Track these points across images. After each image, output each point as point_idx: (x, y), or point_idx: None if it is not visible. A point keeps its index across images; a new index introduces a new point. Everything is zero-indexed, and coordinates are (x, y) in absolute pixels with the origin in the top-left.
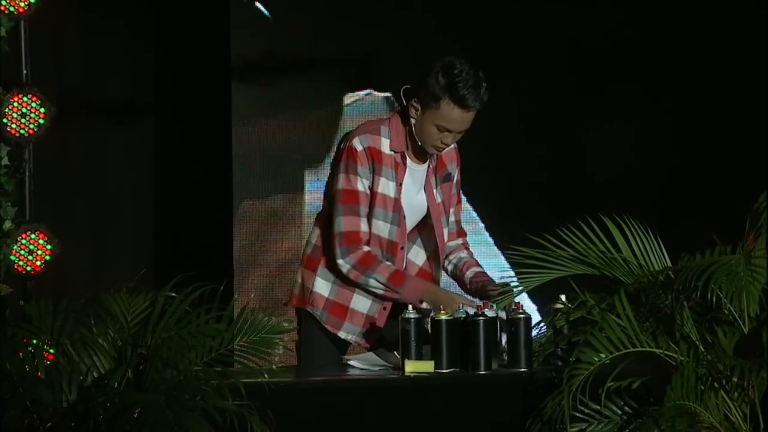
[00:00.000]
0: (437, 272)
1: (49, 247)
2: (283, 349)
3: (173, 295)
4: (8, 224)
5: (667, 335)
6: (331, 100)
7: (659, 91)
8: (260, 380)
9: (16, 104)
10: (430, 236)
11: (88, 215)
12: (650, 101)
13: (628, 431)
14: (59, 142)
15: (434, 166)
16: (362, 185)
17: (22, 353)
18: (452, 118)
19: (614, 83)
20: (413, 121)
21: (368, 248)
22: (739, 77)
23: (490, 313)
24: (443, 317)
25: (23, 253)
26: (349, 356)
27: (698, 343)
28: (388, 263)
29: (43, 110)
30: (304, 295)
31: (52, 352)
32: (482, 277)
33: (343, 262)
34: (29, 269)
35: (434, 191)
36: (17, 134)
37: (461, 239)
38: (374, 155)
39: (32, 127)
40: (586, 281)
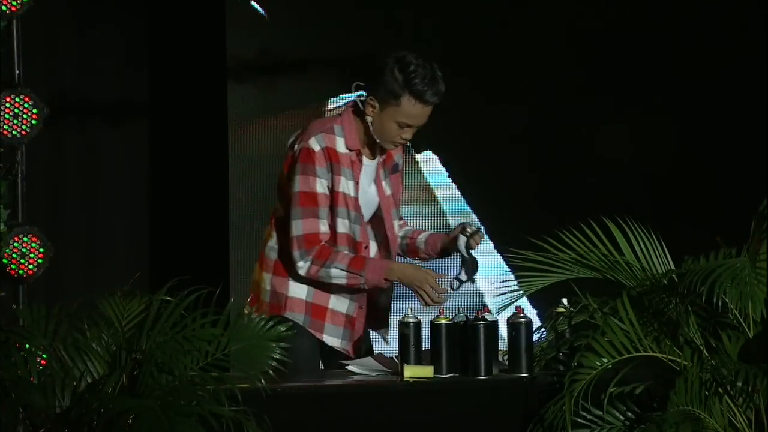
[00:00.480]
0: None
1: (41, 250)
2: (280, 354)
3: (168, 298)
4: (0, 227)
5: (670, 339)
6: (327, 99)
7: (662, 91)
8: (257, 385)
9: (8, 105)
10: (379, 228)
11: (81, 218)
12: (653, 102)
13: None
14: (52, 143)
15: (383, 159)
16: (321, 186)
17: (14, 358)
18: (413, 113)
19: (616, 84)
20: (370, 119)
21: (324, 243)
22: (745, 77)
23: (490, 317)
24: (443, 321)
25: (15, 256)
26: (347, 361)
27: (702, 347)
28: (346, 252)
29: (35, 111)
30: (277, 301)
31: (45, 356)
32: (436, 236)
33: (302, 263)
34: (22, 273)
35: (383, 183)
36: (9, 135)
37: (402, 221)
38: (332, 155)
39: (25, 128)
40: (588, 285)
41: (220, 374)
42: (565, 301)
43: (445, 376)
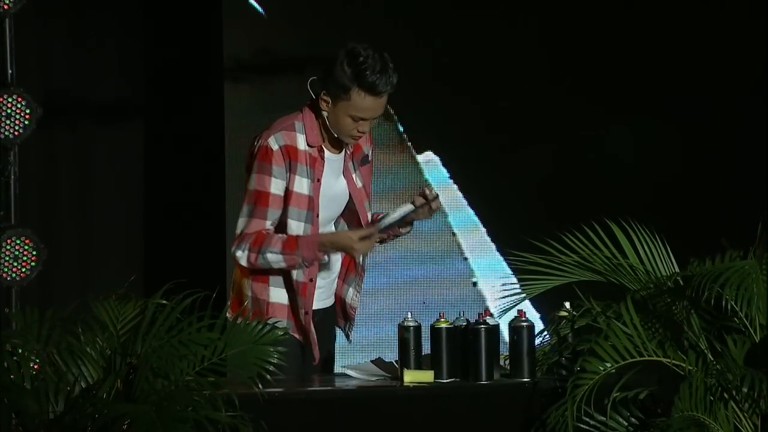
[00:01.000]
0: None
1: (34, 253)
2: (277, 358)
3: (164, 302)
4: None
5: (675, 344)
6: None
7: (666, 93)
8: (254, 390)
9: (0, 105)
10: (352, 221)
11: (75, 220)
12: (657, 104)
13: None
14: (46, 144)
15: (351, 151)
16: (275, 187)
17: (7, 363)
18: (365, 106)
19: (619, 85)
20: (325, 114)
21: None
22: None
23: (491, 321)
24: (443, 325)
25: (8, 259)
26: (346, 366)
27: (707, 352)
28: (280, 235)
29: (29, 111)
30: (259, 308)
31: (38, 361)
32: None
33: (240, 252)
34: (14, 276)
35: (353, 176)
36: (2, 136)
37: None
38: (291, 153)
39: (18, 128)
40: (591, 288)
41: (216, 379)
42: (567, 304)
43: (445, 381)
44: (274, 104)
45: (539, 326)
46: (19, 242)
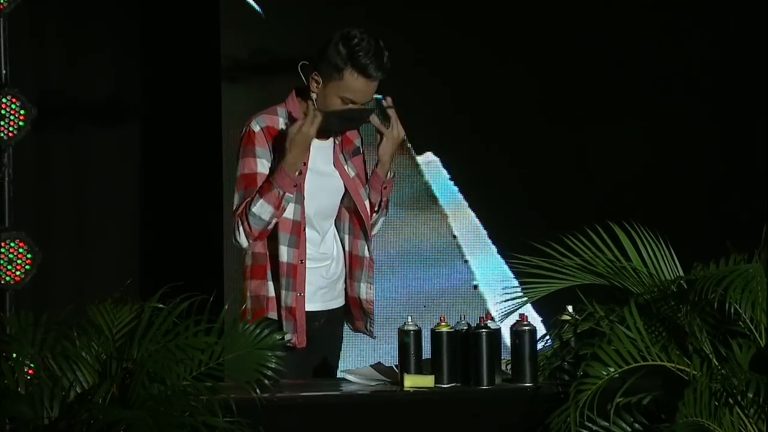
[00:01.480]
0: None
1: (29, 256)
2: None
3: (160, 306)
4: None
5: (679, 348)
6: None
7: (670, 95)
8: (252, 395)
9: None
10: (353, 212)
11: (71, 222)
12: (661, 106)
13: None
14: (41, 145)
15: (340, 142)
16: (262, 166)
17: (1, 367)
18: (356, 88)
19: (623, 87)
20: (314, 95)
21: None
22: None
23: (493, 325)
24: (444, 329)
25: (2, 262)
26: (346, 370)
27: (712, 356)
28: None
29: (23, 112)
30: (259, 305)
31: (32, 366)
32: (373, 176)
33: (237, 234)
34: (9, 279)
35: (345, 167)
36: None
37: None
38: (272, 134)
39: (12, 129)
40: (594, 291)
41: (213, 384)
42: (570, 308)
43: (446, 385)
44: (271, 104)
45: (541, 330)
46: (13, 245)
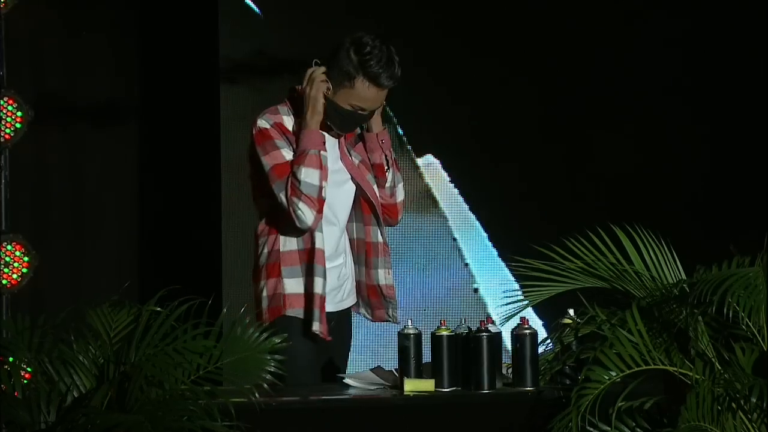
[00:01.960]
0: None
1: (26, 259)
2: (275, 366)
3: (158, 309)
4: None
5: (681, 352)
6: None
7: (673, 96)
8: (251, 399)
9: None
10: (363, 204)
11: (68, 225)
12: (663, 107)
13: None
14: (37, 147)
15: (343, 135)
16: (288, 154)
17: None
18: (367, 96)
19: (625, 88)
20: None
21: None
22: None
23: (493, 328)
24: (444, 333)
25: None
26: (345, 374)
27: (714, 360)
28: (291, 168)
29: (20, 114)
30: (277, 303)
31: (29, 370)
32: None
33: (302, 214)
34: (5, 282)
35: (350, 157)
36: None
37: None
38: (283, 130)
39: (8, 131)
40: (595, 295)
41: (212, 388)
42: (571, 311)
43: (446, 389)
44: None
45: (542, 334)
46: (10, 248)
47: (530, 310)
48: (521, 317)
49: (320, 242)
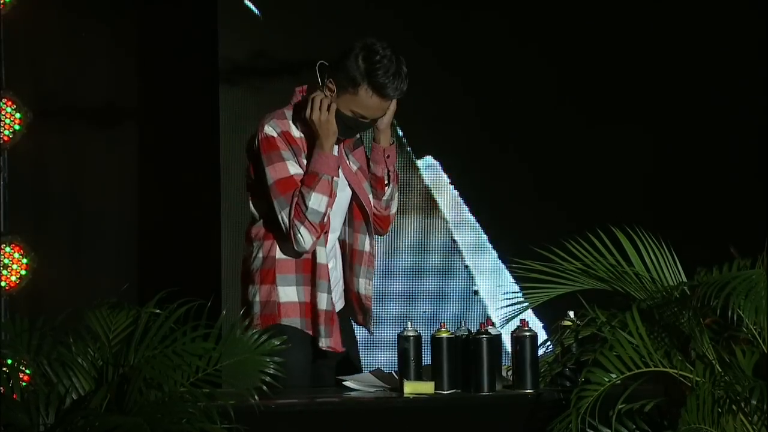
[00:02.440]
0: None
1: (25, 260)
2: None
3: (157, 311)
4: None
5: (682, 354)
6: None
7: (673, 97)
8: (250, 402)
9: None
10: (355, 210)
11: (66, 227)
12: (664, 108)
13: None
14: (36, 149)
15: (342, 139)
16: (293, 167)
17: None
18: (369, 105)
19: (626, 90)
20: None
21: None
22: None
23: (493, 331)
24: (444, 335)
25: None
26: (344, 377)
27: (715, 362)
28: (300, 188)
29: (18, 115)
30: (271, 311)
31: (28, 372)
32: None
33: (301, 238)
34: (4, 284)
35: (348, 162)
36: None
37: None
38: (289, 139)
39: (7, 133)
40: (595, 297)
41: (211, 390)
42: (571, 313)
43: (446, 392)
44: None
45: (542, 336)
46: (8, 250)
47: (530, 312)
48: (521, 319)
49: (322, 257)
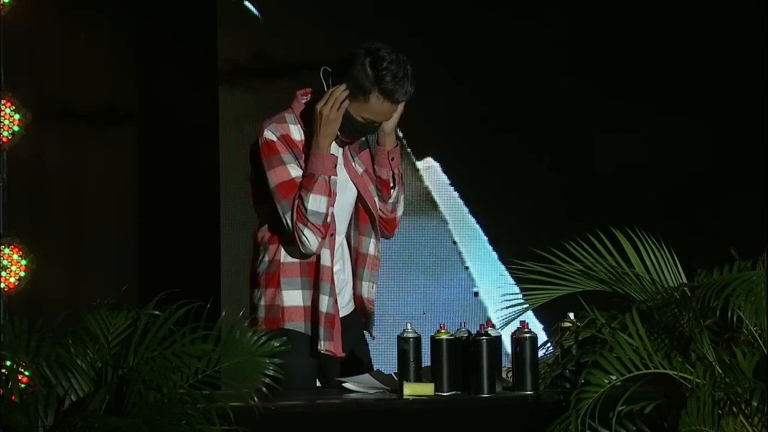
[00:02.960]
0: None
1: (24, 262)
2: (273, 370)
3: (157, 313)
4: None
5: (682, 356)
6: None
7: (674, 98)
8: (249, 403)
9: None
10: (361, 213)
11: (66, 228)
12: (664, 109)
13: None
14: (35, 150)
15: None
16: (294, 171)
17: None
18: (380, 111)
19: (626, 91)
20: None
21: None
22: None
23: (493, 332)
24: (444, 337)
25: None
26: (343, 378)
27: (715, 364)
28: (298, 192)
29: (17, 117)
30: (275, 314)
31: (27, 374)
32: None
33: (306, 240)
34: (3, 286)
35: (353, 164)
36: None
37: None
38: (289, 142)
39: (6, 134)
40: (595, 298)
41: (210, 392)
42: (571, 315)
43: (446, 393)
44: (269, 108)
45: (542, 338)
46: (7, 251)
47: (530, 313)
48: (521, 321)
49: (326, 259)
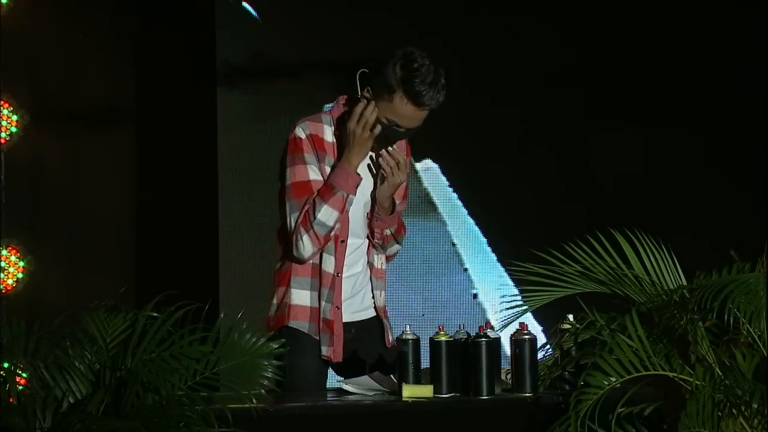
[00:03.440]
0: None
1: (22, 263)
2: (273, 372)
3: (155, 314)
4: None
5: (681, 358)
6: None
7: (673, 99)
8: (248, 405)
9: None
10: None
11: (64, 230)
12: (663, 111)
13: None
14: (33, 151)
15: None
16: (313, 173)
17: None
18: (404, 113)
19: (625, 92)
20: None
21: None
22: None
23: (492, 334)
24: (443, 338)
25: None
26: (343, 379)
27: (715, 366)
28: (313, 197)
29: (15, 117)
30: (282, 312)
31: (25, 376)
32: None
33: (302, 245)
34: (1, 288)
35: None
36: None
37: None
38: (317, 143)
39: (4, 135)
40: (595, 300)
41: (209, 394)
42: (570, 317)
43: (445, 395)
44: (268, 110)
45: (541, 339)
46: (5, 252)
47: (529, 315)
48: (520, 322)
49: (329, 265)
